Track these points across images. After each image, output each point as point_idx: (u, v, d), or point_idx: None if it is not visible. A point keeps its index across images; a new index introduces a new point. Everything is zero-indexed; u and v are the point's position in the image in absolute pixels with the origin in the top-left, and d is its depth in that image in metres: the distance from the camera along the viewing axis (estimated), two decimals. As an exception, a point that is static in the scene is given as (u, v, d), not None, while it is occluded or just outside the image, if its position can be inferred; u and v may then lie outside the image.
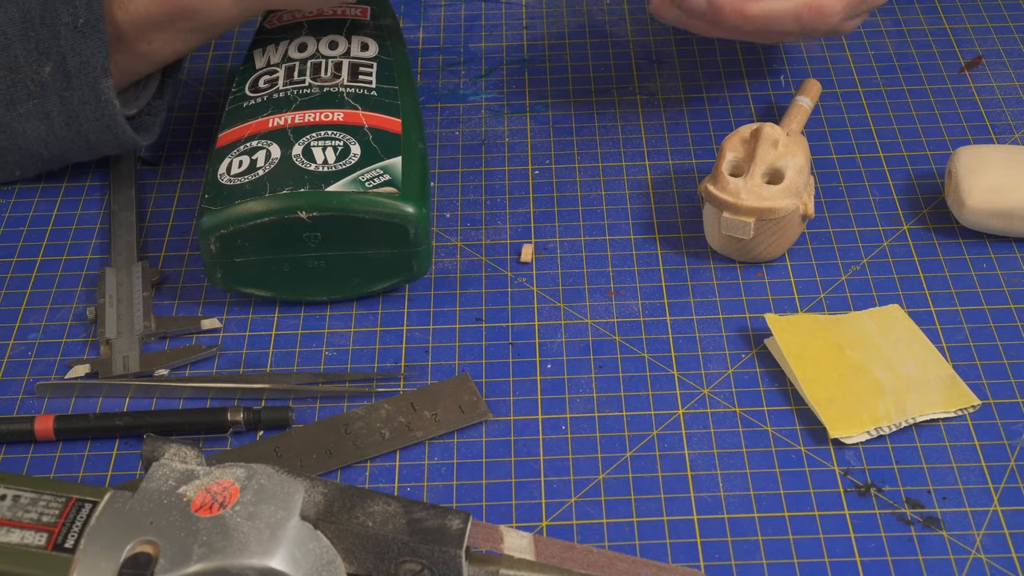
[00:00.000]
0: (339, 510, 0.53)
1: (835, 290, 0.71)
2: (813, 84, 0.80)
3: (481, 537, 0.54)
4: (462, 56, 0.88)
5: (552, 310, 0.71)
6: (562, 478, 0.62)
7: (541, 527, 0.60)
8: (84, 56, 0.68)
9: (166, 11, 0.71)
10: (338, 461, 0.63)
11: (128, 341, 0.69)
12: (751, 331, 0.69)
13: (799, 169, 0.70)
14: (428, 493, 0.62)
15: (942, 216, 0.75)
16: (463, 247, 0.74)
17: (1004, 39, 0.88)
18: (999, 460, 0.63)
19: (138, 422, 0.65)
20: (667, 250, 0.74)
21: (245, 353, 0.69)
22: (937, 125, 0.81)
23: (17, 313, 0.72)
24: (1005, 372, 0.67)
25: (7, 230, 0.77)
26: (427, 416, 0.65)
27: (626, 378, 0.67)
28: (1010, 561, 0.58)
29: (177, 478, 0.54)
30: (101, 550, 0.52)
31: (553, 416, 0.65)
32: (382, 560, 0.53)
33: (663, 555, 0.59)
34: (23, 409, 0.67)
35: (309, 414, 0.66)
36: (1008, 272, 0.72)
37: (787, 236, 0.71)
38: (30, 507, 0.54)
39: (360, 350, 0.69)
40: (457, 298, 0.72)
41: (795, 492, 0.61)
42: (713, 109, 0.83)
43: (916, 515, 0.60)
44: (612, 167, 0.79)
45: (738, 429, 0.64)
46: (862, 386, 0.65)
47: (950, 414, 0.64)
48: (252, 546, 0.51)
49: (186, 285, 0.73)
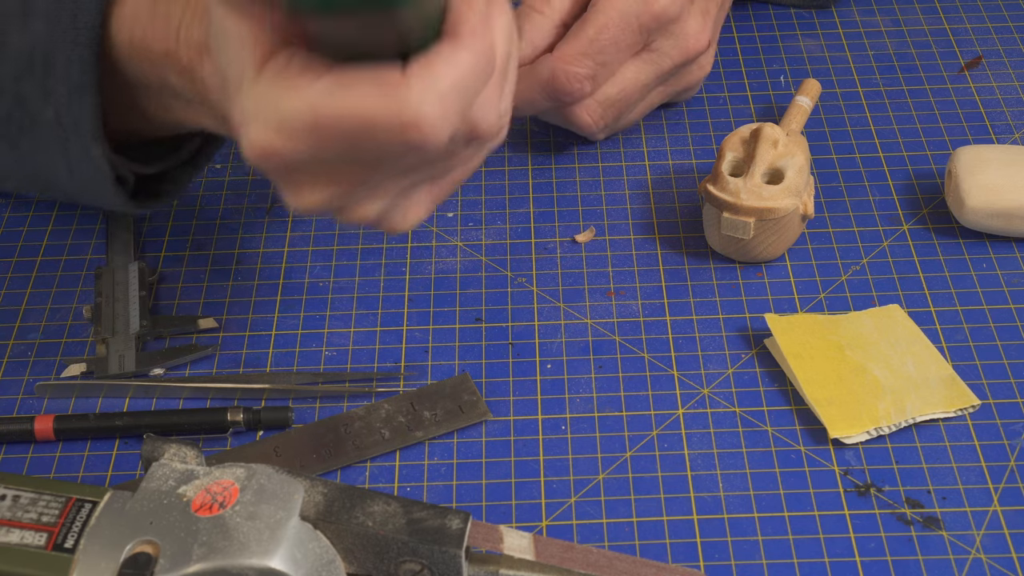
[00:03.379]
0: (339, 510, 0.53)
1: (835, 290, 0.71)
2: (813, 84, 0.80)
3: (481, 537, 0.54)
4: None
5: (552, 310, 0.71)
6: (562, 478, 0.62)
7: (541, 527, 0.60)
8: (75, 117, 0.62)
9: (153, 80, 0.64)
10: (338, 461, 0.63)
11: (124, 340, 0.68)
12: (751, 331, 0.69)
13: (799, 169, 0.70)
14: (428, 493, 0.62)
15: (942, 216, 0.75)
16: (463, 247, 0.74)
17: (1004, 39, 0.88)
18: (999, 460, 0.63)
19: (138, 422, 0.65)
20: (667, 250, 0.74)
21: (245, 353, 0.69)
22: (937, 125, 0.81)
23: (17, 313, 0.72)
24: (1005, 372, 0.66)
25: (7, 230, 0.77)
26: (427, 416, 0.65)
27: (626, 378, 0.67)
28: (1010, 561, 0.58)
29: (177, 478, 0.54)
30: (101, 550, 0.52)
31: (553, 416, 0.65)
32: (382, 560, 0.53)
33: (663, 555, 0.59)
34: (23, 409, 0.67)
35: (309, 414, 0.66)
36: (1008, 272, 0.72)
37: (787, 236, 0.71)
38: (30, 507, 0.54)
39: (360, 350, 0.69)
40: (457, 298, 0.72)
41: (795, 492, 0.61)
42: (713, 109, 0.83)
43: (916, 515, 0.60)
44: (612, 167, 0.79)
45: (738, 429, 0.64)
46: (862, 386, 0.65)
47: (950, 414, 0.64)
48: (252, 546, 0.51)
49: (186, 285, 0.73)
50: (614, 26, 0.72)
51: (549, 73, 0.72)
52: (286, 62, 0.48)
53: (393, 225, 0.54)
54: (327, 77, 0.47)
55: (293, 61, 0.48)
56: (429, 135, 0.47)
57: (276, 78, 0.48)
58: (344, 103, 0.47)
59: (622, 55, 0.73)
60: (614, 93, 0.75)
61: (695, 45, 0.75)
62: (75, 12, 0.62)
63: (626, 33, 0.72)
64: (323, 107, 0.47)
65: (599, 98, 0.75)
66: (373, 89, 0.46)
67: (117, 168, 0.66)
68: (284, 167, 0.50)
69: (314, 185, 0.51)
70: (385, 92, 0.46)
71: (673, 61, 0.75)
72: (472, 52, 0.47)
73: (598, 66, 0.73)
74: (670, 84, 0.78)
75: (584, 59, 0.72)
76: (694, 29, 0.75)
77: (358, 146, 0.48)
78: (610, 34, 0.72)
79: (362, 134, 0.47)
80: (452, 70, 0.46)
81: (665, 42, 0.74)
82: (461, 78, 0.47)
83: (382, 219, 0.54)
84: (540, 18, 0.74)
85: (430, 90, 0.46)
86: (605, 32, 0.72)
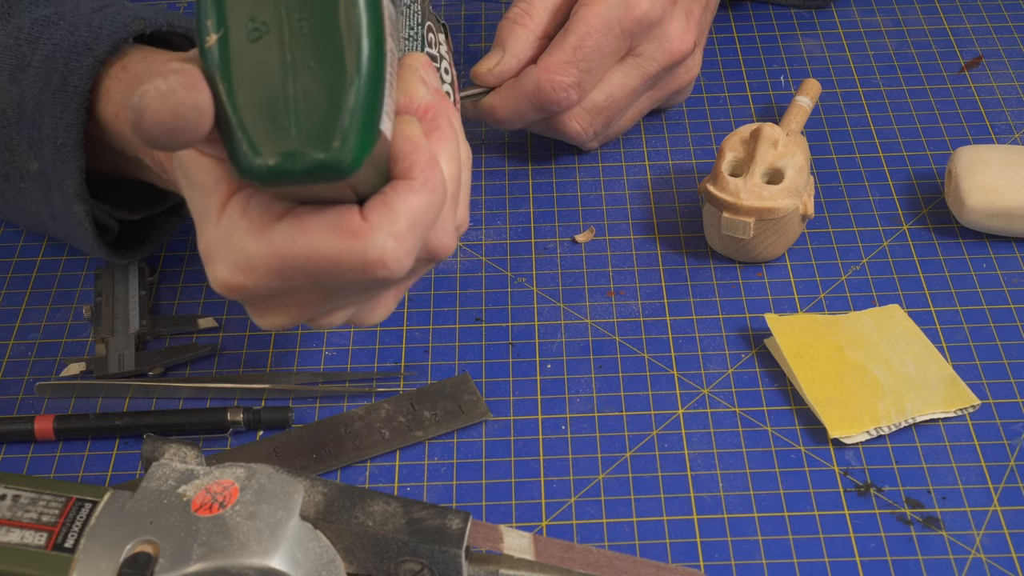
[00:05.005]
0: (339, 510, 0.53)
1: (835, 290, 0.71)
2: (813, 84, 0.80)
3: (481, 537, 0.54)
4: (462, 56, 0.88)
5: (552, 310, 0.71)
6: (562, 478, 0.62)
7: (541, 527, 0.60)
8: (61, 174, 0.64)
9: None
10: (338, 461, 0.63)
11: (124, 340, 0.69)
12: (751, 331, 0.69)
13: (799, 169, 0.70)
14: (428, 493, 0.62)
15: (942, 216, 0.75)
16: (463, 247, 0.74)
17: (1004, 39, 0.88)
18: (999, 460, 0.63)
19: (138, 422, 0.65)
20: (667, 250, 0.74)
21: (245, 353, 0.69)
22: (937, 125, 0.81)
23: (17, 313, 0.72)
24: (1005, 372, 0.67)
25: (7, 230, 0.77)
26: (427, 416, 0.65)
27: (626, 378, 0.67)
28: (1010, 561, 0.58)
29: (177, 478, 0.54)
30: (101, 550, 0.52)
31: (553, 416, 0.65)
32: (382, 560, 0.53)
33: (663, 555, 0.59)
34: (23, 409, 0.67)
35: (309, 414, 0.66)
36: (1008, 272, 0.72)
37: (787, 236, 0.71)
38: (30, 507, 0.54)
39: (360, 350, 0.69)
40: (457, 298, 0.72)
41: (795, 492, 0.61)
42: (713, 109, 0.83)
43: (916, 515, 0.60)
44: (612, 167, 0.79)
45: (738, 429, 0.64)
46: (862, 386, 0.65)
47: (950, 414, 0.64)
48: (252, 546, 0.51)
49: (186, 285, 0.73)
50: (596, 33, 0.72)
51: (534, 84, 0.72)
52: (245, 203, 0.50)
53: (361, 323, 0.57)
54: (287, 220, 0.49)
55: (252, 202, 0.50)
56: (394, 270, 0.49)
57: (238, 219, 0.50)
58: (308, 246, 0.49)
59: (606, 61, 0.73)
60: (601, 100, 0.75)
61: (680, 47, 0.75)
62: (66, 76, 0.62)
63: (609, 39, 0.72)
64: (287, 249, 0.49)
65: (587, 106, 0.74)
66: (335, 234, 0.49)
67: (100, 218, 0.67)
68: (251, 298, 0.53)
69: (281, 309, 0.54)
70: (347, 237, 0.48)
71: (659, 64, 0.75)
72: (425, 192, 0.49)
73: (583, 73, 0.72)
74: (659, 88, 0.78)
75: (568, 67, 0.72)
76: (678, 31, 0.74)
77: (323, 280, 0.50)
78: (593, 41, 0.72)
79: (327, 273, 0.49)
80: (408, 210, 0.49)
81: (649, 46, 0.74)
82: (418, 217, 0.49)
83: (350, 322, 0.56)
84: (522, 31, 0.74)
85: (391, 231, 0.49)
86: (588, 39, 0.72)
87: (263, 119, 0.45)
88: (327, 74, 0.45)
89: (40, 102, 0.63)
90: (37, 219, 0.68)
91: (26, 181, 0.66)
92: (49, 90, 0.63)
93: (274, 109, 0.45)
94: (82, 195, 0.64)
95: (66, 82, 0.62)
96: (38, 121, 0.63)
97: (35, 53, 0.64)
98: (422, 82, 0.53)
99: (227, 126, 0.46)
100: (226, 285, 0.51)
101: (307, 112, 0.45)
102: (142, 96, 0.45)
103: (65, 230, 0.67)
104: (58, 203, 0.65)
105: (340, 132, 0.45)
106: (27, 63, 0.64)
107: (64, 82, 0.62)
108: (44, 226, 0.69)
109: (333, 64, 0.45)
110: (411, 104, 0.52)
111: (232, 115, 0.45)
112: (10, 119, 0.64)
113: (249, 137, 0.45)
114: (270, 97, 0.45)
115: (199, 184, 0.51)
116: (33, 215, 0.68)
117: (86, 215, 0.65)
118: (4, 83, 0.64)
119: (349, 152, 0.45)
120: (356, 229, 0.48)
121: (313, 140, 0.45)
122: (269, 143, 0.45)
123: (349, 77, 0.45)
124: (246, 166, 0.45)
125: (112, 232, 0.68)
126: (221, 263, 0.51)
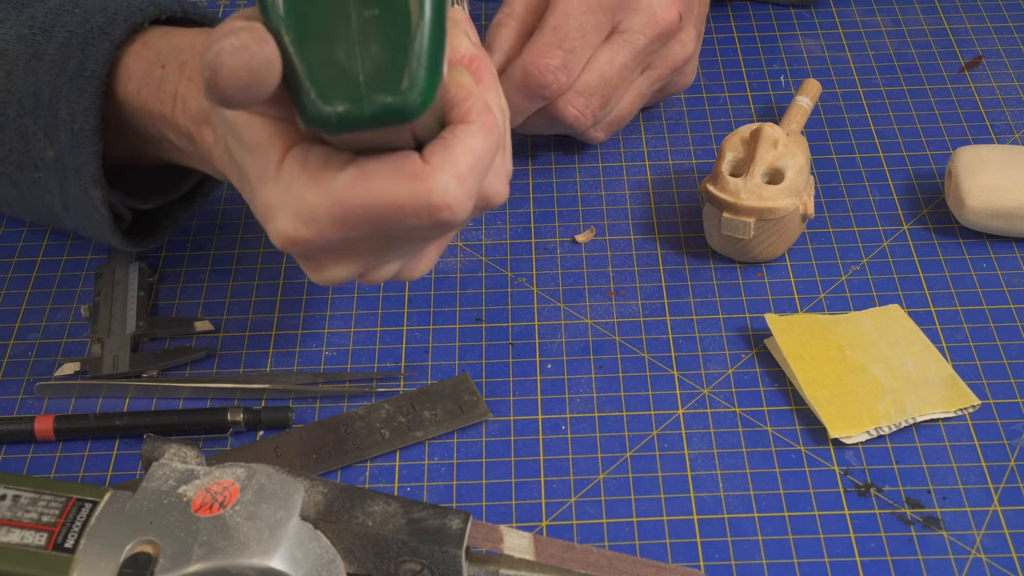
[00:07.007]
0: (339, 510, 0.53)
1: (835, 290, 0.71)
2: (813, 84, 0.80)
3: (481, 537, 0.54)
4: (462, 56, 0.88)
5: (552, 310, 0.71)
6: (562, 478, 0.62)
7: (541, 527, 0.60)
8: (78, 160, 0.64)
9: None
10: (338, 461, 0.63)
11: (120, 341, 0.68)
12: (751, 331, 0.69)
13: (799, 169, 0.70)
14: (428, 493, 0.62)
15: (942, 216, 0.75)
16: (463, 247, 0.74)
17: (1004, 39, 0.88)
18: (999, 460, 0.63)
19: (138, 422, 0.65)
20: (667, 250, 0.74)
21: (245, 353, 0.69)
22: (937, 125, 0.81)
23: (17, 313, 0.72)
24: (1005, 372, 0.67)
25: (7, 230, 0.77)
26: (427, 416, 0.65)
27: (626, 378, 0.67)
28: (1010, 561, 0.58)
29: (177, 478, 0.54)
30: (101, 550, 0.52)
31: (553, 416, 0.65)
32: (382, 560, 0.53)
33: (663, 555, 0.59)
34: (23, 409, 0.67)
35: (309, 414, 0.66)
36: (1008, 272, 0.72)
37: (787, 236, 0.71)
38: (30, 507, 0.54)
39: (360, 350, 0.69)
40: (457, 298, 0.72)
41: (795, 492, 0.61)
42: (713, 109, 0.83)
43: (916, 515, 0.60)
44: (612, 167, 0.79)
45: (738, 429, 0.64)
46: (862, 386, 0.65)
47: (950, 414, 0.64)
48: (252, 546, 0.51)
49: (185, 285, 0.73)
50: (576, 12, 0.72)
51: (521, 72, 0.72)
52: (304, 156, 0.50)
53: (407, 277, 0.57)
54: (349, 169, 0.49)
55: (310, 155, 0.50)
56: (457, 211, 0.49)
57: (298, 173, 0.50)
58: (371, 193, 0.49)
59: (591, 39, 0.73)
60: (593, 80, 0.74)
61: (664, 15, 0.74)
62: (83, 60, 0.62)
63: (589, 16, 0.72)
64: (350, 198, 0.49)
65: (579, 88, 0.74)
66: (398, 179, 0.49)
67: (114, 206, 0.66)
68: (311, 251, 0.53)
69: (338, 262, 0.54)
70: (410, 181, 0.49)
71: (647, 37, 0.74)
72: (483, 134, 0.50)
73: (567, 54, 0.72)
74: (655, 68, 0.77)
75: (552, 49, 0.72)
76: (661, 2, 0.74)
77: (385, 228, 0.51)
78: (574, 21, 0.72)
79: (390, 219, 0.50)
80: (469, 153, 0.50)
81: (633, 20, 0.74)
82: (478, 158, 0.50)
83: (397, 277, 0.57)
84: (504, 29, 0.75)
85: (452, 174, 0.49)
86: (568, 20, 0.72)
87: (329, 67, 0.45)
88: (391, 19, 0.46)
89: (56, 88, 0.63)
90: (49, 210, 0.68)
91: (40, 171, 0.66)
92: (66, 76, 0.63)
93: (339, 57, 0.45)
94: (99, 180, 0.64)
95: (83, 67, 0.62)
96: (54, 108, 0.63)
97: (50, 41, 0.64)
98: (465, 34, 0.54)
99: (294, 77, 0.46)
100: (288, 238, 0.51)
101: (373, 57, 0.45)
102: (217, 54, 0.45)
103: (79, 219, 0.67)
104: (74, 191, 0.65)
105: (408, 74, 0.45)
106: (42, 51, 0.64)
107: (81, 67, 0.62)
108: (56, 218, 0.69)
109: (397, 9, 0.46)
110: (456, 54, 0.53)
111: (299, 65, 0.46)
112: (26, 107, 0.64)
113: (318, 85, 0.45)
114: (335, 46, 0.45)
115: (253, 144, 0.51)
116: (46, 205, 0.68)
117: (103, 201, 0.65)
118: (19, 72, 0.64)
119: (417, 94, 0.45)
120: (419, 173, 0.49)
121: (381, 84, 0.45)
122: (337, 90, 0.45)
123: (414, 21, 0.45)
124: (314, 114, 0.45)
125: (125, 221, 0.69)
126: (283, 217, 0.51)
